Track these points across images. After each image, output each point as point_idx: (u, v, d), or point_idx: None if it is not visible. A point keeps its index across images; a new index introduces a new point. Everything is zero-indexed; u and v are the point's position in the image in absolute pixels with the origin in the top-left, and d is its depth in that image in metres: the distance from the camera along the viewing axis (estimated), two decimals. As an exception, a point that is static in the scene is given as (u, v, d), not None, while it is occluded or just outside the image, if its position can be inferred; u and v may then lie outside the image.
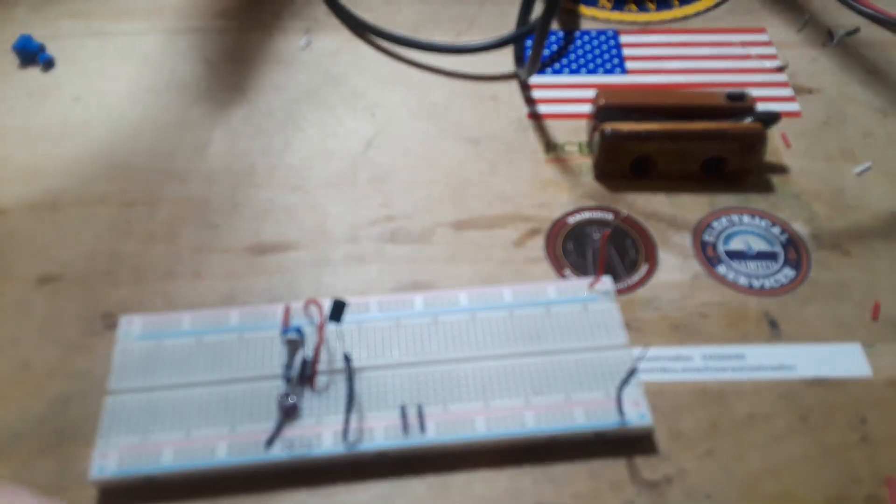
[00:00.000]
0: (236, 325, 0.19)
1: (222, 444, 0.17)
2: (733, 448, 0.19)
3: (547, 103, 0.28)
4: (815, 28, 0.31)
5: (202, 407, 0.18)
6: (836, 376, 0.20)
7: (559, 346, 0.19)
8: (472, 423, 0.18)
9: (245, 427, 0.18)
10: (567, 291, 0.21)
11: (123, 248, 0.23)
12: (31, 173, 0.25)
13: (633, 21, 0.31)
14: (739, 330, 0.22)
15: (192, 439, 0.17)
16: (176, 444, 0.17)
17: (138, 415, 0.18)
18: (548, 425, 0.18)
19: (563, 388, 0.19)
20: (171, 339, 0.19)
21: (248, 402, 0.18)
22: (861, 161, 0.26)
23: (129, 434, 0.17)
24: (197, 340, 0.19)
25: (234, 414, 0.18)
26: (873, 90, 0.29)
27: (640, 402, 0.19)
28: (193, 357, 0.19)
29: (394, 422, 0.18)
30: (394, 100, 0.28)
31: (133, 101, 0.28)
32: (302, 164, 0.26)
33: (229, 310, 0.20)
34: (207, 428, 0.18)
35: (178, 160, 0.26)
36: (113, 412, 0.18)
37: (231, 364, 0.19)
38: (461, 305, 0.20)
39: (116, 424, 0.18)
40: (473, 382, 0.19)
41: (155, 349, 0.19)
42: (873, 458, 0.19)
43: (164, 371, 0.19)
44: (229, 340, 0.19)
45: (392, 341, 0.19)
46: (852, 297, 0.22)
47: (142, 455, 0.17)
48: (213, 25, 0.31)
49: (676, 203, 0.25)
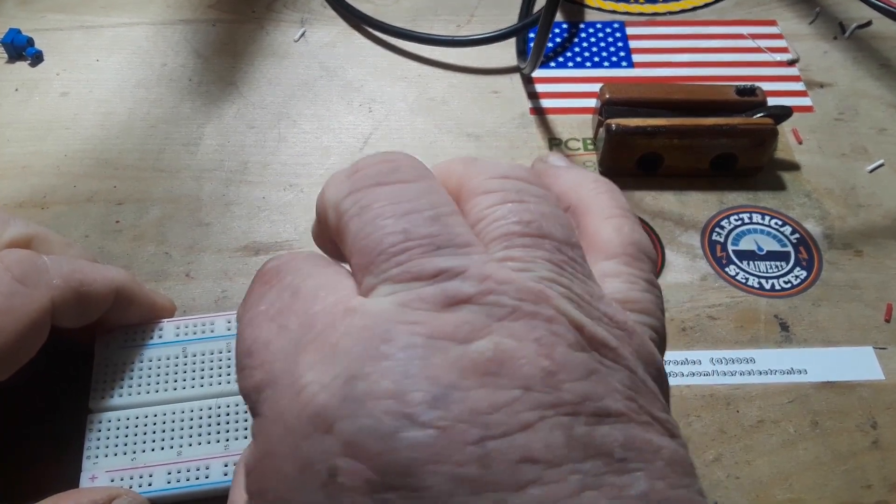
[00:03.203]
0: (223, 334, 0.18)
1: (217, 464, 0.17)
2: (742, 454, 0.18)
3: (550, 98, 0.27)
4: (827, 21, 0.30)
5: (192, 423, 0.17)
6: (848, 380, 0.20)
7: None
8: None
9: (239, 445, 0.17)
10: None
11: (112, 248, 0.23)
12: (19, 171, 0.25)
13: (640, 12, 0.31)
14: (749, 332, 0.21)
15: (184, 459, 0.17)
16: (168, 466, 0.16)
17: (125, 434, 0.17)
18: None
19: None
20: (155, 348, 0.18)
21: (242, 415, 0.17)
22: (874, 158, 0.26)
23: (117, 456, 0.17)
24: (182, 350, 0.18)
25: (227, 431, 0.17)
26: (886, 85, 0.28)
27: None
28: (180, 369, 0.18)
29: None
30: (392, 94, 0.27)
31: (122, 95, 0.27)
32: (297, 160, 0.25)
33: (214, 317, 0.19)
34: (199, 447, 0.17)
35: (168, 157, 0.25)
36: (97, 431, 0.17)
37: (221, 376, 0.18)
38: None
39: (103, 444, 0.17)
40: None
41: (137, 360, 0.18)
42: (885, 463, 0.18)
43: (150, 385, 0.18)
44: (217, 349, 0.18)
45: None
46: (864, 298, 0.22)
47: (133, 478, 0.16)
48: (204, 17, 0.30)
49: (684, 201, 0.24)
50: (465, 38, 0.28)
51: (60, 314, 0.16)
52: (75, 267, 0.16)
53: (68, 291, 0.15)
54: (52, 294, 0.15)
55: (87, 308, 0.16)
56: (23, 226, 0.17)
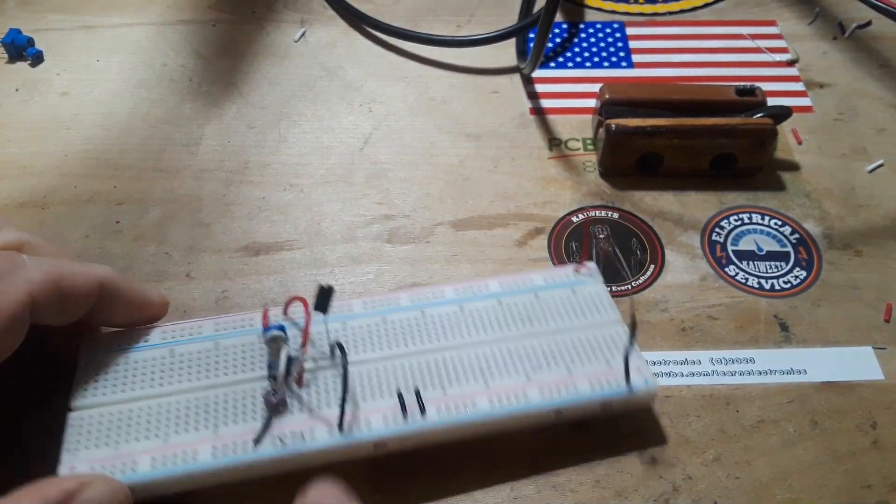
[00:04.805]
0: (211, 334, 0.18)
1: (205, 447, 0.16)
2: (742, 454, 0.18)
3: (550, 98, 0.27)
4: (826, 21, 0.30)
5: (180, 414, 0.16)
6: (847, 380, 0.20)
7: (553, 327, 0.19)
8: (474, 403, 0.17)
9: (229, 430, 0.16)
10: (553, 277, 0.20)
11: (113, 249, 0.23)
12: (19, 171, 0.25)
13: (640, 12, 0.31)
14: (749, 332, 0.21)
15: (171, 445, 0.16)
16: (153, 452, 0.16)
17: (108, 427, 0.16)
18: (553, 398, 0.17)
19: (564, 362, 0.18)
20: (140, 351, 0.17)
21: (231, 406, 0.17)
22: (874, 158, 0.26)
23: (99, 448, 0.16)
24: (170, 351, 0.17)
25: (217, 418, 0.16)
26: (886, 85, 0.28)
27: (643, 368, 0.18)
28: (167, 368, 0.17)
29: (391, 409, 0.17)
30: (392, 94, 0.27)
31: (123, 96, 0.27)
32: (297, 160, 0.25)
33: (202, 321, 0.18)
34: (187, 434, 0.16)
35: (168, 157, 0.25)
36: (78, 427, 0.16)
37: (209, 371, 0.17)
38: (447, 297, 0.19)
39: (84, 439, 0.16)
40: (470, 366, 0.18)
41: (122, 362, 0.17)
42: (884, 463, 0.18)
43: (135, 383, 0.17)
44: (205, 349, 0.18)
45: (380, 336, 0.18)
46: (864, 298, 0.22)
47: (116, 466, 0.15)
48: (204, 18, 0.30)
49: (684, 201, 0.24)
50: (465, 39, 0.28)
51: (42, 310, 0.15)
52: (56, 262, 0.16)
53: (48, 285, 0.15)
54: (30, 288, 0.15)
55: (69, 303, 0.16)
56: (14, 232, 0.17)
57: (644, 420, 0.19)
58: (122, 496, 0.15)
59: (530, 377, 0.18)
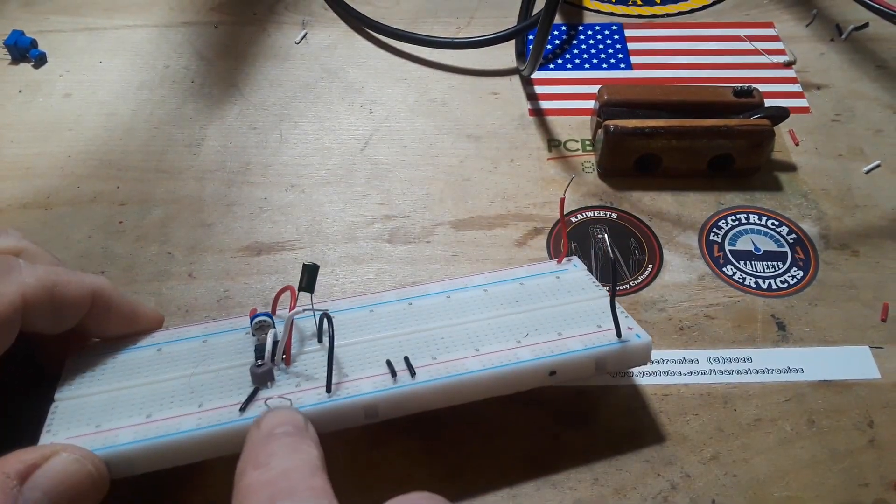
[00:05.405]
0: (199, 334, 0.18)
1: (190, 420, 0.15)
2: (739, 452, 0.19)
3: (549, 99, 0.28)
4: (824, 23, 0.30)
5: (165, 395, 0.16)
6: (844, 379, 0.20)
7: (540, 304, 0.19)
8: (465, 366, 0.17)
9: (214, 404, 0.16)
10: (536, 269, 0.20)
11: (115, 249, 0.23)
12: (22, 172, 0.25)
13: (639, 14, 0.31)
14: (746, 332, 0.21)
15: (155, 420, 0.15)
16: (136, 427, 0.15)
17: (91, 412, 0.16)
18: (545, 355, 0.17)
19: (554, 329, 0.18)
20: (128, 352, 0.17)
21: (218, 386, 0.16)
22: (870, 159, 0.26)
23: (80, 428, 0.15)
24: (157, 350, 0.17)
25: (202, 396, 0.16)
26: (883, 86, 0.28)
27: (633, 325, 0.18)
28: (154, 363, 0.17)
29: (381, 377, 0.16)
30: (392, 95, 0.28)
31: (125, 97, 0.27)
32: (298, 161, 0.25)
33: (192, 325, 0.18)
34: (171, 410, 0.15)
35: (171, 158, 0.25)
36: (61, 414, 0.16)
37: (196, 362, 0.17)
38: (433, 291, 0.19)
39: (66, 423, 0.15)
40: (459, 338, 0.18)
41: (110, 361, 0.17)
42: (881, 461, 0.18)
43: (122, 375, 0.17)
44: (193, 347, 0.18)
45: (369, 324, 0.18)
46: (861, 297, 0.22)
47: (97, 441, 0.15)
48: (206, 19, 0.30)
49: (682, 201, 0.24)
50: (465, 40, 0.29)
51: (34, 315, 0.15)
52: (51, 269, 0.16)
53: (41, 290, 0.15)
54: (23, 290, 0.15)
55: (61, 310, 0.16)
56: (15, 239, 0.17)
57: (642, 418, 0.19)
58: (91, 466, 0.14)
59: (521, 342, 0.17)
